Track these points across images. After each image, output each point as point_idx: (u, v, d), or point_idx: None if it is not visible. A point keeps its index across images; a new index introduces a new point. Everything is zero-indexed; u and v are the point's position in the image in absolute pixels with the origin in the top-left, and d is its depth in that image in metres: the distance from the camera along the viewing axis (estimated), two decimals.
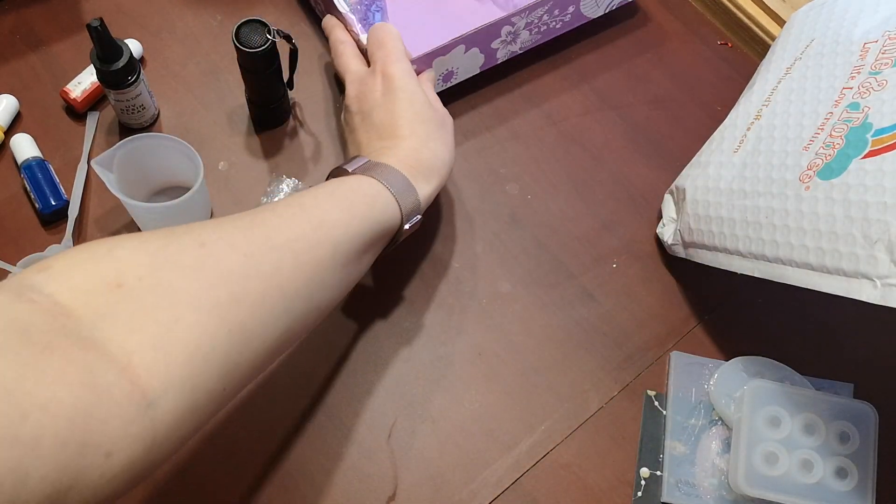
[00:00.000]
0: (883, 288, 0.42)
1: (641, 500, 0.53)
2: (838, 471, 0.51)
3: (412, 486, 0.52)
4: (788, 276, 0.48)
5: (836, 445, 0.52)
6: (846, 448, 0.52)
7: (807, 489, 0.50)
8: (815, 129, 0.50)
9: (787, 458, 0.51)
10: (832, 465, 0.51)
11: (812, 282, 0.47)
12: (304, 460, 0.52)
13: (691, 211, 0.57)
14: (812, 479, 0.51)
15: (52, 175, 0.59)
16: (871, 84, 0.48)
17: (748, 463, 0.51)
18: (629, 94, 0.68)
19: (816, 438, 0.52)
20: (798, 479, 0.51)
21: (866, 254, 0.43)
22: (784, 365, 0.55)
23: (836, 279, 0.45)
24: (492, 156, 0.64)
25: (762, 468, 0.51)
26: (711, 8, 0.73)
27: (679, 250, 0.59)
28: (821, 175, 0.47)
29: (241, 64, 0.57)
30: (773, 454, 0.51)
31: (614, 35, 0.71)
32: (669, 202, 0.61)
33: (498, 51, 0.65)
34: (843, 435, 0.52)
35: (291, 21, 0.69)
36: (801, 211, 0.48)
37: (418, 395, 0.55)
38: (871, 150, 0.45)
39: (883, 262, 0.42)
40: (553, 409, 0.55)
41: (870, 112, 0.47)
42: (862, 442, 0.52)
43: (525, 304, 0.59)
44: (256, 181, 0.61)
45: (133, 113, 0.60)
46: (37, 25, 0.66)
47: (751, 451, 0.51)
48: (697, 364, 0.57)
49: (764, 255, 0.50)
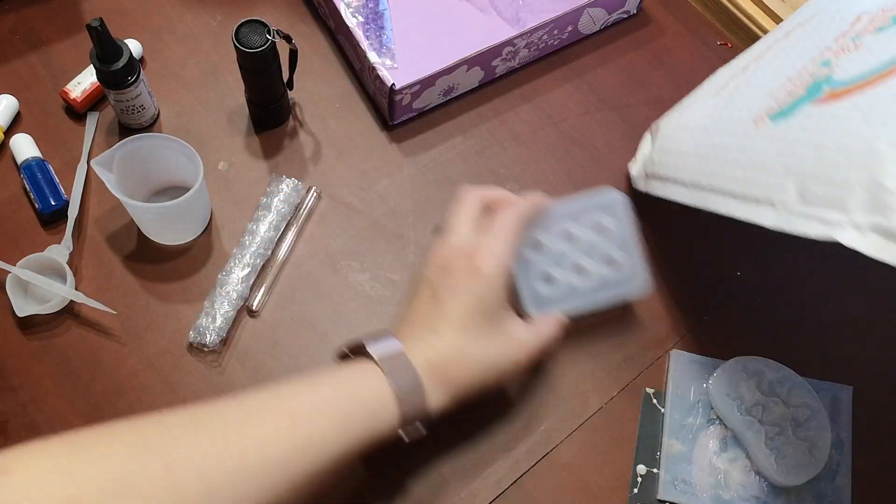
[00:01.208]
0: (781, 213, 0.44)
1: (637, 496, 0.53)
2: (608, 260, 0.54)
3: (412, 486, 0.52)
4: (712, 203, 0.50)
5: (598, 239, 0.54)
6: (606, 237, 0.54)
7: (590, 289, 0.53)
8: (785, 80, 0.51)
9: (560, 272, 0.53)
10: (601, 258, 0.54)
11: (729, 208, 0.48)
12: None
13: (658, 145, 0.58)
14: (590, 279, 0.54)
15: (51, 175, 0.59)
16: (849, 46, 0.49)
17: (531, 291, 0.52)
18: (629, 94, 0.68)
19: (577, 242, 0.54)
20: (578, 284, 0.53)
21: (778, 182, 0.45)
22: (783, 365, 0.55)
23: (747, 205, 0.47)
24: (492, 156, 0.64)
25: (544, 290, 0.53)
26: (711, 8, 0.73)
27: (640, 183, 0.60)
28: (773, 118, 0.48)
29: (241, 64, 0.57)
30: (547, 273, 0.53)
31: (614, 35, 0.71)
32: (647, 140, 0.62)
33: (497, 67, 0.66)
34: (598, 226, 0.54)
35: (291, 21, 0.69)
36: (744, 146, 0.49)
37: None
38: (821, 98, 0.46)
39: (790, 191, 0.44)
40: (553, 409, 0.55)
41: (836, 69, 0.48)
42: (617, 225, 0.54)
43: None
44: (256, 181, 0.61)
45: (133, 113, 0.60)
46: (37, 25, 0.66)
47: (527, 281, 0.53)
48: (697, 363, 0.57)
49: (700, 184, 0.52)
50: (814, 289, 0.61)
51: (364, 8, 0.63)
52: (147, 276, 0.57)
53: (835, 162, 0.42)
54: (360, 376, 0.44)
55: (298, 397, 0.41)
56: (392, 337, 0.46)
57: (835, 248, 0.39)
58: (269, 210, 0.58)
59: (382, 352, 0.44)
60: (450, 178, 0.63)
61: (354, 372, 0.44)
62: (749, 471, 0.53)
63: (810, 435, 0.53)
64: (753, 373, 0.55)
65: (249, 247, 0.57)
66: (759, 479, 0.53)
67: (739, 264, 0.61)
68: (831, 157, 0.42)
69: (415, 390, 0.44)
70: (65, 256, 0.55)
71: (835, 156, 0.42)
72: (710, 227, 0.62)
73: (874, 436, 0.55)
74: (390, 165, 0.63)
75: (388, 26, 0.63)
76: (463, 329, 0.46)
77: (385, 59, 0.61)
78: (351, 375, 0.44)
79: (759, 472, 0.53)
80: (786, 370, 0.55)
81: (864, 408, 0.56)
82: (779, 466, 0.52)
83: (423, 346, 0.45)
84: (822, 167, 0.42)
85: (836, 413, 0.56)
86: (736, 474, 0.53)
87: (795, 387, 0.54)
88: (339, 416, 0.41)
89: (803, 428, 0.53)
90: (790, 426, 0.53)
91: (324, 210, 0.61)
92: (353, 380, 0.43)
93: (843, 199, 0.40)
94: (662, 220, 0.63)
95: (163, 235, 0.58)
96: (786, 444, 0.52)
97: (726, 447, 0.54)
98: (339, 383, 0.43)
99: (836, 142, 0.42)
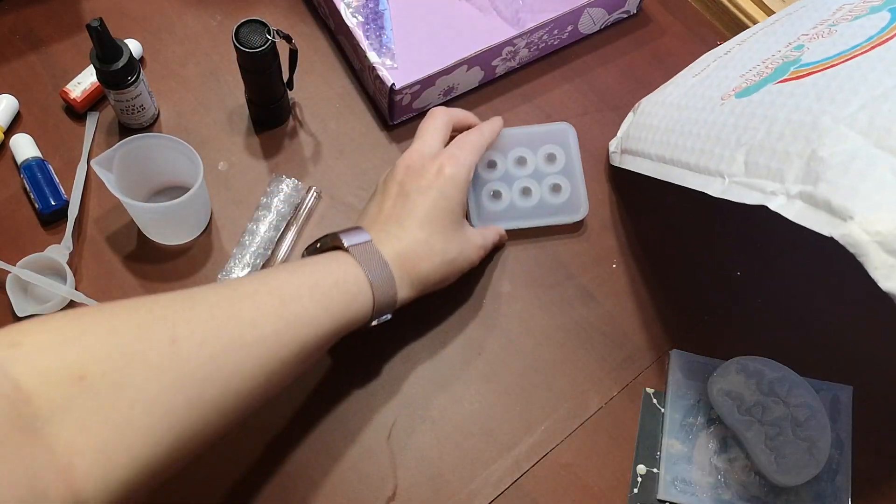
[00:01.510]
0: (728, 184, 0.46)
1: (637, 496, 0.53)
2: (553, 187, 0.60)
3: (412, 486, 0.52)
4: (671, 175, 0.52)
5: (546, 167, 0.60)
6: (555, 167, 0.60)
7: (530, 211, 0.59)
8: (758, 62, 0.52)
9: (508, 191, 0.59)
10: (547, 184, 0.60)
11: (684, 179, 0.50)
12: (304, 460, 0.52)
13: (636, 121, 0.60)
14: (532, 202, 0.59)
15: (51, 175, 0.59)
16: (823, 32, 0.50)
17: (477, 205, 0.59)
18: (629, 94, 0.68)
19: (528, 167, 0.60)
20: (520, 204, 0.59)
21: (729, 154, 0.46)
22: (783, 365, 0.55)
23: (700, 176, 0.49)
24: None
25: (489, 205, 0.59)
26: (711, 8, 0.73)
27: (616, 158, 0.62)
28: (738, 94, 0.50)
29: (241, 64, 0.57)
30: (497, 191, 0.59)
31: (614, 35, 0.71)
32: (629, 118, 0.63)
33: (497, 67, 0.66)
34: (550, 156, 0.60)
35: (291, 21, 0.69)
36: (706, 120, 0.50)
37: (418, 395, 0.55)
38: (786, 77, 0.47)
39: (738, 162, 0.45)
40: (553, 409, 0.55)
41: (807, 52, 0.49)
42: (566, 158, 0.60)
43: (525, 304, 0.59)
44: (256, 181, 0.61)
45: (133, 113, 0.60)
46: (37, 25, 0.66)
47: (477, 196, 0.59)
48: (697, 363, 0.57)
49: (663, 157, 0.53)
50: (814, 289, 0.61)
51: (364, 8, 0.63)
52: (147, 276, 0.57)
53: (780, 134, 0.43)
54: (337, 265, 0.46)
55: (284, 282, 0.44)
56: (363, 231, 0.49)
57: (835, 247, 0.39)
58: (269, 210, 0.58)
59: (356, 243, 0.48)
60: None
61: (332, 261, 0.47)
62: (749, 471, 0.53)
63: (810, 435, 0.53)
64: (753, 373, 0.55)
65: (249, 247, 0.57)
66: (759, 479, 0.53)
67: (739, 264, 0.61)
68: (778, 130, 0.43)
69: (386, 280, 0.47)
70: (65, 256, 0.55)
71: (782, 128, 0.43)
72: (710, 227, 0.62)
73: (874, 436, 0.55)
74: (390, 165, 0.63)
75: (388, 26, 0.63)
76: (428, 223, 0.50)
77: (385, 59, 0.61)
78: (329, 264, 0.47)
79: (758, 472, 0.53)
80: (785, 370, 0.55)
81: (864, 408, 0.56)
82: (778, 466, 0.52)
83: (392, 240, 0.49)
84: (770, 140, 0.44)
85: (835, 413, 0.56)
86: (736, 474, 0.53)
87: (795, 386, 0.54)
88: (322, 299, 0.44)
89: (803, 428, 0.53)
90: (790, 426, 0.53)
91: (324, 210, 0.61)
92: (331, 268, 0.46)
93: (782, 171, 0.42)
94: (662, 220, 0.63)
95: (163, 235, 0.58)
96: (785, 444, 0.52)
97: (726, 447, 0.54)
98: (319, 271, 0.46)
99: (786, 116, 0.44)
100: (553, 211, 0.60)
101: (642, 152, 0.57)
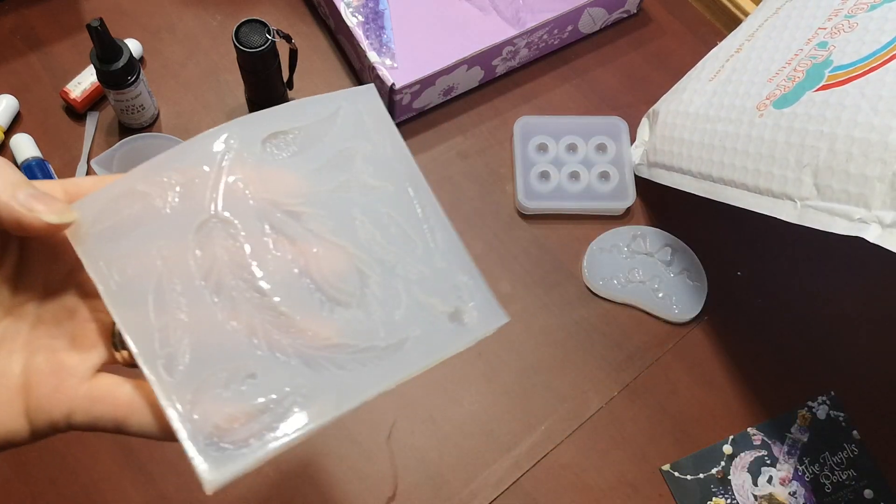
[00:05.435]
0: (802, 209, 0.45)
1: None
2: (601, 175, 0.62)
3: (412, 486, 0.52)
4: (726, 196, 0.51)
5: (596, 157, 0.63)
6: (605, 157, 0.63)
7: (577, 194, 0.61)
8: (783, 63, 0.52)
9: (557, 173, 0.62)
10: (595, 172, 0.62)
11: (745, 201, 0.49)
12: (304, 460, 0.52)
13: (660, 132, 0.59)
14: (580, 186, 0.62)
15: (51, 175, 0.59)
16: (843, 26, 0.49)
17: (525, 183, 0.61)
18: (629, 93, 0.68)
19: (579, 154, 0.63)
20: (568, 188, 0.61)
21: (794, 176, 0.45)
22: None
23: (765, 199, 0.48)
24: (492, 156, 0.64)
25: (537, 185, 0.61)
26: (711, 8, 0.73)
27: (643, 170, 0.61)
28: (776, 104, 0.49)
29: (241, 64, 0.57)
30: (546, 172, 0.62)
31: (614, 35, 0.71)
32: (645, 125, 0.63)
33: (497, 66, 0.66)
34: (601, 146, 0.63)
35: (291, 21, 0.69)
36: (751, 136, 0.50)
37: (418, 396, 0.55)
38: (825, 84, 0.46)
39: (807, 185, 0.45)
40: (553, 409, 0.55)
41: (834, 51, 0.48)
42: (617, 149, 0.63)
43: (525, 304, 0.59)
44: None
45: (133, 113, 0.60)
46: (37, 25, 0.66)
47: (526, 175, 0.62)
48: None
49: (710, 176, 0.53)
50: (813, 289, 0.61)
51: (364, 8, 0.63)
52: None
53: (848, 154, 0.42)
54: None
55: None
56: None
57: (834, 247, 0.39)
58: None
59: None
60: (450, 177, 0.63)
61: None
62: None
63: (682, 267, 0.59)
64: (609, 248, 0.60)
65: None
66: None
67: (739, 264, 0.61)
68: (843, 149, 0.42)
69: None
70: None
71: (847, 147, 0.42)
72: (710, 227, 0.62)
73: (875, 436, 0.55)
74: None
75: (388, 26, 0.63)
76: None
77: (385, 58, 0.61)
78: None
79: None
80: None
81: (865, 408, 0.56)
82: (676, 307, 0.58)
83: None
84: (837, 161, 0.43)
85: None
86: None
87: (649, 235, 0.60)
88: None
89: (673, 265, 0.59)
90: (663, 270, 0.59)
91: None
92: None
93: (865, 196, 0.41)
94: (662, 220, 0.63)
95: None
96: (669, 286, 0.59)
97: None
98: None
99: (848, 133, 0.42)
100: (600, 197, 0.61)
101: (679, 168, 0.56)
